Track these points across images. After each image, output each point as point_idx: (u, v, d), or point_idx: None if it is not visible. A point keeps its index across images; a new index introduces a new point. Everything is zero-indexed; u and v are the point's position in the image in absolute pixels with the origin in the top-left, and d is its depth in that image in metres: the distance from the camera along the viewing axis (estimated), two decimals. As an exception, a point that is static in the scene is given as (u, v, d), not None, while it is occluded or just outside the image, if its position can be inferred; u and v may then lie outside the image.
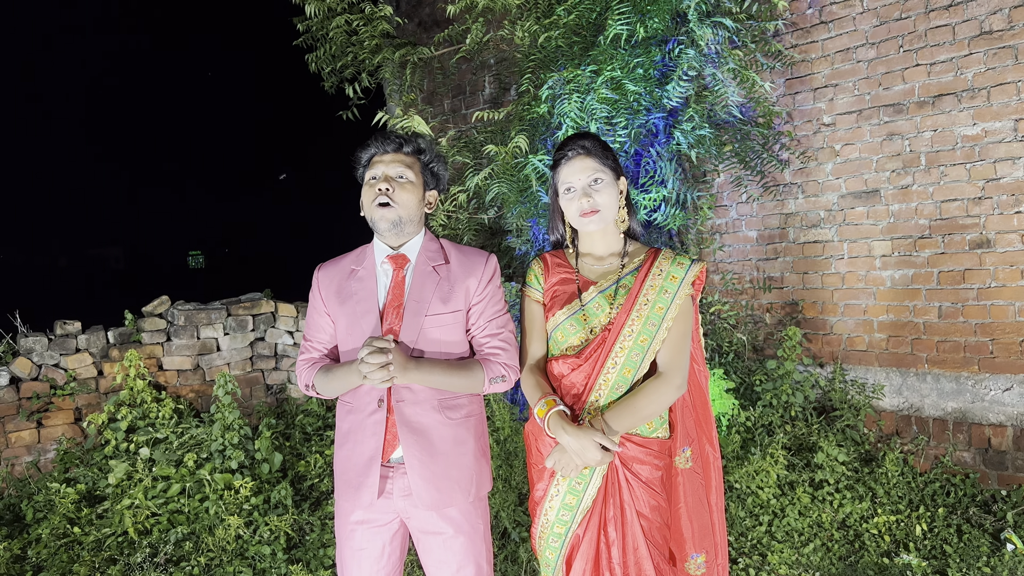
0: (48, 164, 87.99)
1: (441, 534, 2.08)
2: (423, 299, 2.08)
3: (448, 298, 2.09)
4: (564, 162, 2.13)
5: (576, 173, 2.10)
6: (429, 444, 2.04)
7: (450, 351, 2.10)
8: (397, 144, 2.15)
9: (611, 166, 2.13)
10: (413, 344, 2.05)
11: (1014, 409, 3.98)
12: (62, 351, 4.76)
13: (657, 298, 2.07)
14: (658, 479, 2.08)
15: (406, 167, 2.12)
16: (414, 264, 2.13)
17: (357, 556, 2.10)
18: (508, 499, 3.76)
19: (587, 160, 2.10)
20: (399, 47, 5.01)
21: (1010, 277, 3.96)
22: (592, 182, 2.09)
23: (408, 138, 2.18)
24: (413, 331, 2.05)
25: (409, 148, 2.16)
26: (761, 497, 3.96)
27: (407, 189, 2.10)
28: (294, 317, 5.49)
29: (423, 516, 2.07)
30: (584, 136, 2.16)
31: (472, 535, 2.11)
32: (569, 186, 2.11)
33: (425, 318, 2.06)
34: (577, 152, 2.11)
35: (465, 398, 2.13)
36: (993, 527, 3.73)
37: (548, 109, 3.99)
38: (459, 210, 4.70)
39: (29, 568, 3.63)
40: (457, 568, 2.09)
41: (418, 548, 2.14)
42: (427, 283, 2.10)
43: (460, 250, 2.19)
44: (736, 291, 5.04)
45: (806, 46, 4.61)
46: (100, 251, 50.95)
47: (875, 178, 4.40)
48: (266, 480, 4.19)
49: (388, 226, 2.08)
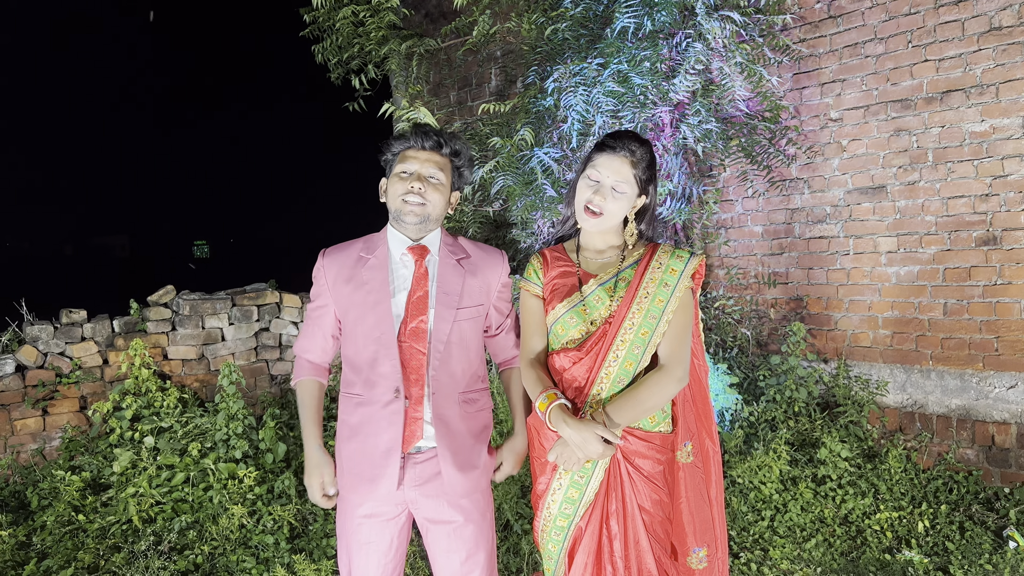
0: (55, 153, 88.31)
1: (451, 523, 2.09)
2: (452, 291, 2.09)
3: (473, 292, 2.12)
4: (608, 152, 2.08)
5: (609, 170, 2.07)
6: (455, 435, 2.07)
7: (469, 347, 2.13)
8: (436, 143, 2.11)
9: (641, 182, 2.10)
10: (447, 336, 2.06)
11: (1018, 407, 3.98)
12: (67, 340, 4.78)
13: (657, 291, 2.07)
14: (660, 473, 2.08)
15: (439, 168, 2.10)
16: (437, 257, 2.13)
17: (365, 549, 2.10)
18: (511, 491, 3.77)
19: (625, 165, 2.07)
20: (405, 39, 5.00)
21: (1016, 275, 3.95)
22: (615, 187, 2.07)
23: (447, 139, 2.14)
24: (447, 323, 2.06)
25: (447, 150, 2.13)
26: (763, 492, 3.97)
27: (438, 190, 2.10)
28: (299, 308, 5.50)
29: (432, 505, 2.07)
30: (641, 143, 2.11)
31: (481, 523, 2.13)
32: (596, 176, 2.09)
33: (458, 310, 2.08)
34: (624, 152, 2.07)
35: (479, 393, 2.17)
36: (996, 524, 3.73)
37: (554, 102, 3.99)
38: (464, 202, 4.70)
39: (34, 555, 3.65)
40: (467, 555, 2.10)
41: (425, 538, 2.14)
42: (454, 276, 2.11)
43: (476, 245, 2.22)
44: (741, 286, 5.04)
45: (814, 40, 4.59)
46: (106, 240, 51.07)
47: (882, 174, 4.38)
48: (270, 470, 4.20)
49: (416, 220, 2.08)
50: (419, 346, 2.04)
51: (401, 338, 2.04)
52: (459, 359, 2.10)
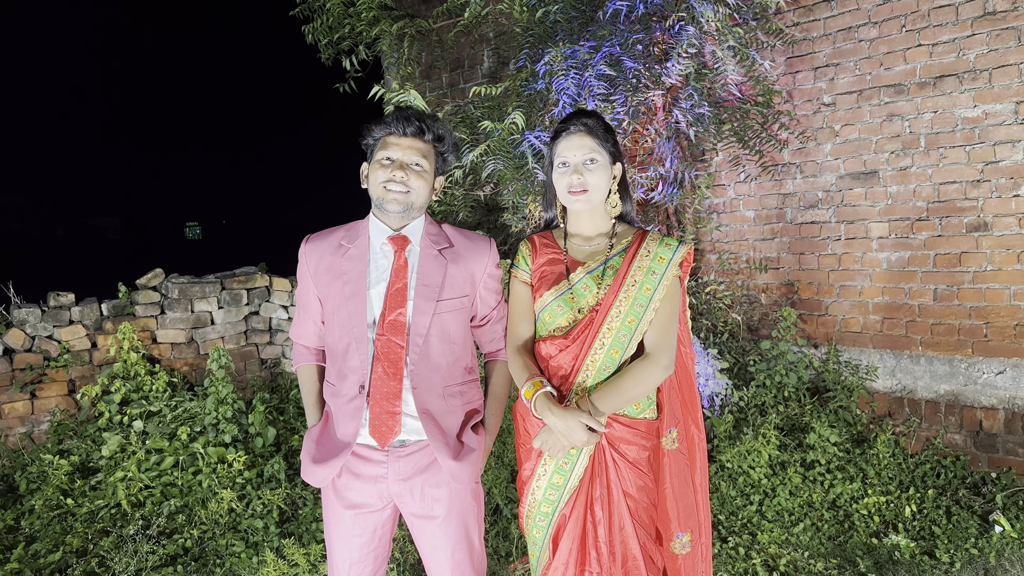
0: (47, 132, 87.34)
1: (436, 518, 2.07)
2: (432, 283, 2.05)
3: (456, 283, 2.08)
4: (564, 135, 2.11)
5: (573, 149, 2.08)
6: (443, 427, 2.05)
7: (453, 340, 2.09)
8: (418, 129, 2.05)
9: (609, 149, 2.11)
10: (426, 329, 2.02)
11: (1006, 392, 3.99)
12: (55, 323, 4.75)
13: (645, 279, 2.07)
14: (645, 460, 2.09)
15: (422, 155, 2.05)
16: (419, 247, 2.09)
17: (347, 541, 2.09)
18: (500, 476, 3.78)
19: (586, 138, 2.08)
20: (397, 19, 4.95)
21: (1006, 261, 3.95)
22: (587, 161, 2.08)
23: (429, 124, 2.07)
24: (426, 316, 2.02)
25: (429, 136, 2.07)
26: (752, 477, 3.98)
27: (422, 177, 2.05)
28: (289, 291, 5.48)
29: (416, 501, 2.06)
30: (588, 114, 2.14)
31: (466, 516, 2.11)
32: (564, 160, 2.10)
33: (438, 303, 2.04)
34: (578, 128, 2.09)
35: (467, 385, 2.14)
36: (982, 509, 3.76)
37: (546, 85, 3.95)
38: (455, 186, 4.66)
39: (22, 538, 3.65)
40: (452, 550, 2.09)
41: (412, 531, 2.14)
42: (435, 267, 2.06)
43: (462, 234, 2.17)
44: (732, 271, 5.03)
45: (808, 24, 4.55)
46: (97, 221, 50.72)
47: (874, 159, 4.37)
48: (259, 454, 4.20)
49: (399, 209, 2.04)
50: (397, 339, 2.01)
51: (380, 331, 2.01)
52: (441, 352, 2.06)
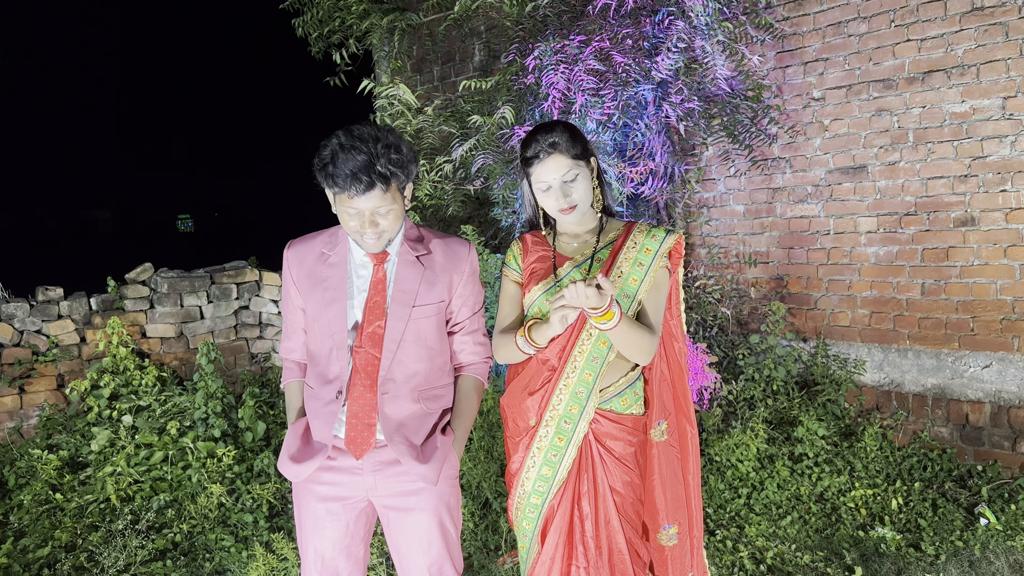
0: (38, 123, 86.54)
1: (411, 510, 2.06)
2: (408, 289, 2.04)
3: (432, 288, 2.07)
4: (536, 163, 2.06)
5: (551, 172, 2.04)
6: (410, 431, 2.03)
7: (429, 344, 2.08)
8: (369, 184, 1.86)
9: (581, 155, 2.07)
10: (400, 335, 2.02)
11: (992, 386, 4.02)
12: (44, 317, 4.73)
13: (631, 270, 2.07)
14: (631, 455, 2.10)
15: (385, 200, 1.90)
16: (396, 258, 2.07)
17: (320, 534, 2.07)
18: (490, 470, 3.79)
19: (560, 158, 2.04)
20: (387, 12, 4.92)
21: (993, 255, 3.97)
22: (569, 180, 2.05)
23: (380, 170, 1.86)
24: (401, 322, 2.02)
25: (383, 185, 1.88)
26: (741, 470, 4.00)
27: (393, 213, 1.95)
28: (278, 286, 5.46)
29: (392, 493, 2.05)
30: (550, 131, 2.06)
31: (440, 509, 2.10)
32: (547, 185, 2.06)
33: (412, 308, 2.03)
34: (548, 152, 2.04)
35: (444, 389, 2.13)
36: (968, 501, 3.79)
37: (536, 79, 3.94)
38: (445, 180, 4.66)
39: (11, 533, 3.64)
40: (428, 544, 2.08)
41: (387, 529, 2.11)
42: (412, 274, 2.05)
43: (441, 238, 2.14)
44: (722, 265, 5.05)
45: (798, 19, 4.56)
46: (88, 213, 50.39)
47: (863, 154, 4.38)
48: (249, 448, 4.20)
49: (375, 245, 2.00)
50: (374, 351, 2.00)
51: (358, 342, 2.01)
52: (416, 356, 2.04)
